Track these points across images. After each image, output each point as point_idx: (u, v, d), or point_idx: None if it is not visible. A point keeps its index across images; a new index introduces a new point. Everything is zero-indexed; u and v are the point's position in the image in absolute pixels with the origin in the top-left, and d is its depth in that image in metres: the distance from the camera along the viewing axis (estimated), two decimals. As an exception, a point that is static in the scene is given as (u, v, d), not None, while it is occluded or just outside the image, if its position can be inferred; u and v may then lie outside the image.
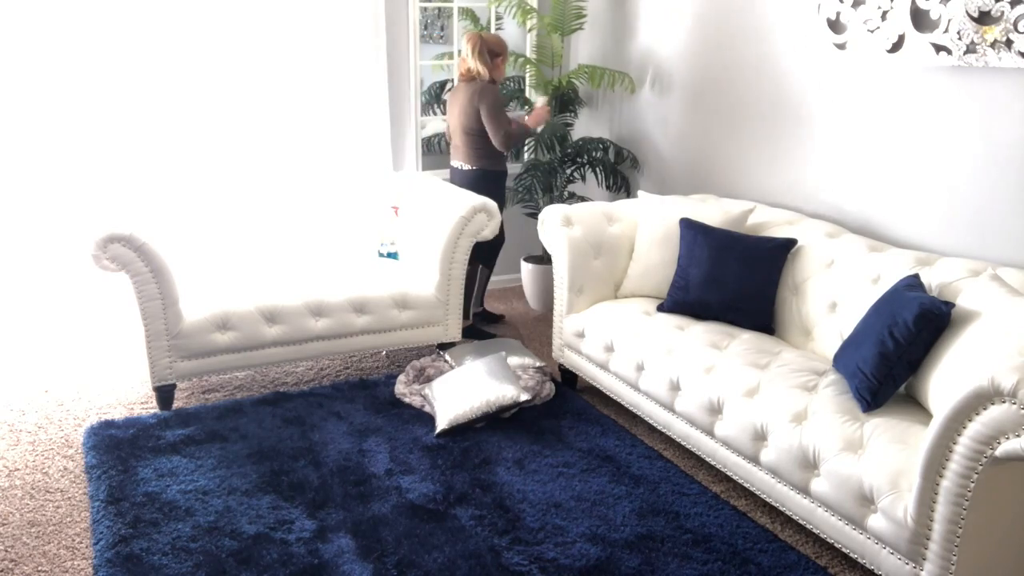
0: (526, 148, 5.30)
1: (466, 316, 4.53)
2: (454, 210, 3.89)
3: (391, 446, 3.22)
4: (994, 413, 2.02)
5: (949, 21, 2.94)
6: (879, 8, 3.21)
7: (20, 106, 4.08)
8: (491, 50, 4.25)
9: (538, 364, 3.81)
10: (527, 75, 5.01)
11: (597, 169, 4.87)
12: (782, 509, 2.69)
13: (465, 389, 3.40)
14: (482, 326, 4.67)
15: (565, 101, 4.89)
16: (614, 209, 3.84)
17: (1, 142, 4.09)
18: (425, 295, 3.93)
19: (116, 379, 3.91)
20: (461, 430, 3.34)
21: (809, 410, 2.63)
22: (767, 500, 2.80)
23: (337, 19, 4.56)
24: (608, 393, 3.53)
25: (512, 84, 5.02)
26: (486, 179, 4.38)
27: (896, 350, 2.51)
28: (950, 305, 2.48)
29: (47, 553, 2.61)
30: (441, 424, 3.33)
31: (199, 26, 4.28)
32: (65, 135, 4.18)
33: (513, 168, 5.26)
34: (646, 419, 3.30)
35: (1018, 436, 1.98)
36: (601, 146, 4.83)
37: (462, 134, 4.33)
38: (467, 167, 4.38)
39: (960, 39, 2.91)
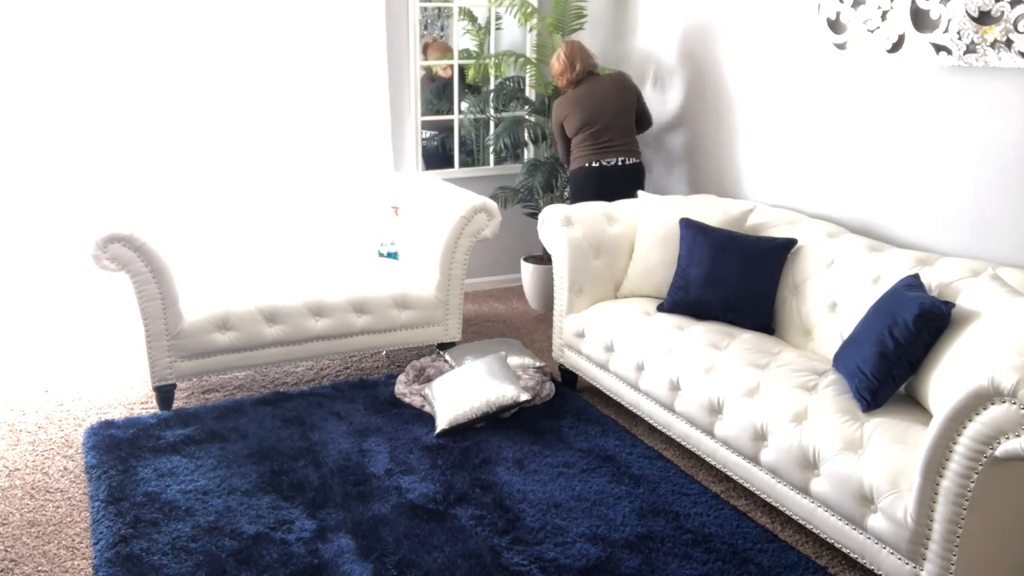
0: (527, 148, 5.31)
1: None
2: (454, 210, 3.89)
3: (391, 446, 3.22)
4: (994, 413, 2.02)
5: (949, 21, 2.94)
6: (879, 8, 3.21)
7: (20, 106, 4.08)
8: None
9: (538, 364, 3.81)
10: (527, 75, 5.01)
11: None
12: (782, 509, 2.69)
13: (465, 389, 3.40)
14: None
15: (565, 101, 4.88)
16: (614, 209, 3.84)
17: (1, 142, 4.09)
18: (425, 295, 3.93)
19: (116, 379, 3.91)
20: (461, 430, 3.34)
21: (809, 410, 2.63)
22: (767, 500, 2.80)
23: (337, 19, 4.56)
24: (608, 393, 3.53)
25: (512, 84, 5.02)
26: (641, 172, 4.23)
27: (896, 350, 2.51)
28: (950, 305, 2.48)
29: (47, 553, 2.61)
30: (441, 424, 3.33)
31: (200, 26, 4.28)
32: (65, 135, 4.18)
33: (513, 168, 5.27)
34: (646, 419, 3.30)
35: (1018, 436, 1.98)
36: (601, 146, 4.83)
37: (624, 123, 4.17)
38: (632, 160, 4.17)
39: (960, 39, 2.91)
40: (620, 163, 4.14)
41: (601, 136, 4.13)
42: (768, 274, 3.32)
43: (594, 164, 4.14)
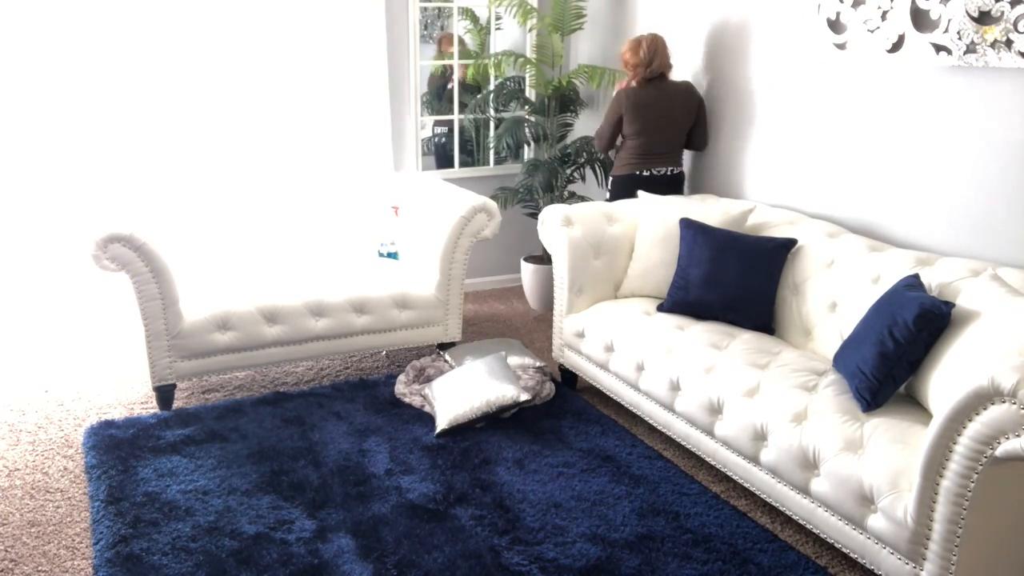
0: (528, 148, 5.31)
1: None
2: (454, 210, 3.89)
3: (391, 446, 3.22)
4: (994, 413, 2.02)
5: (949, 21, 2.94)
6: (879, 8, 3.21)
7: (20, 106, 4.08)
8: None
9: (538, 364, 3.80)
10: (527, 75, 5.01)
11: (597, 169, 4.87)
12: (782, 509, 2.69)
13: (465, 389, 3.40)
14: None
15: (565, 101, 4.89)
16: (614, 209, 3.84)
17: (1, 142, 4.09)
18: (425, 295, 3.94)
19: (116, 379, 3.91)
20: (461, 430, 3.34)
21: (809, 410, 2.63)
22: (767, 500, 2.80)
23: (337, 19, 4.56)
24: (608, 393, 3.53)
25: (512, 84, 5.02)
26: (683, 180, 4.18)
27: (896, 350, 2.51)
28: (950, 305, 2.48)
29: (47, 553, 2.61)
30: (441, 424, 3.33)
31: (200, 26, 4.28)
32: (65, 135, 4.18)
33: (513, 168, 5.27)
34: (646, 419, 3.30)
35: (1018, 436, 1.98)
36: (601, 146, 4.83)
37: (680, 134, 4.10)
38: (676, 170, 4.12)
39: (960, 39, 2.91)
40: (669, 172, 4.10)
41: (656, 146, 4.07)
42: (768, 274, 3.32)
43: (644, 173, 4.08)
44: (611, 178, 4.26)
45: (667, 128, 4.05)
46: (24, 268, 4.29)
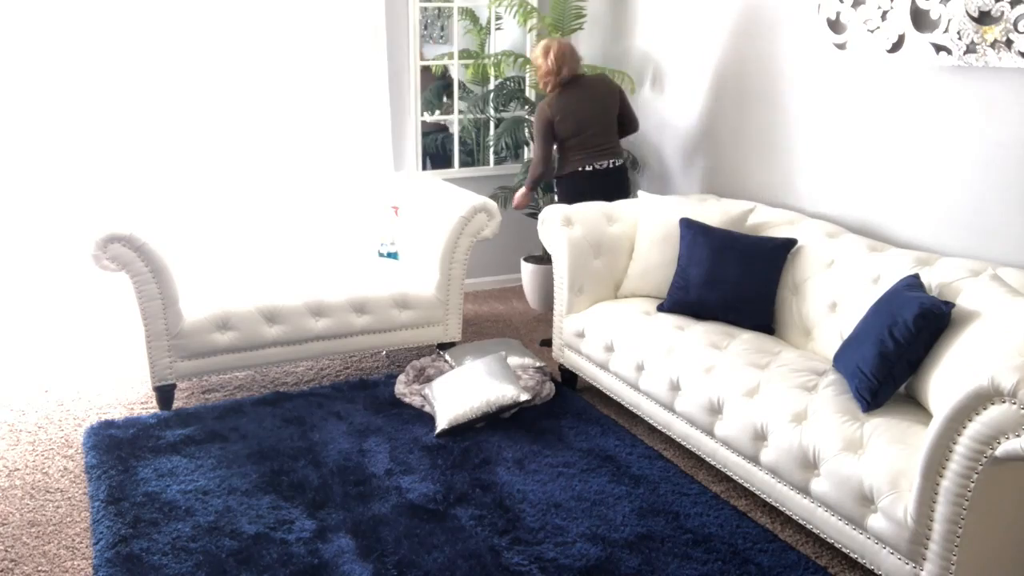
0: (528, 147, 5.31)
1: None
2: (454, 210, 3.89)
3: (391, 446, 3.22)
4: (994, 413, 2.02)
5: (949, 21, 2.94)
6: (879, 8, 3.21)
7: (20, 106, 4.08)
8: None
9: (538, 364, 3.80)
10: (527, 75, 5.01)
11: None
12: (782, 509, 2.69)
13: (465, 389, 3.40)
14: None
15: (565, 101, 4.88)
16: (614, 209, 3.84)
17: (1, 142, 4.09)
18: (425, 295, 3.93)
19: (116, 379, 3.91)
20: (461, 430, 3.34)
21: (809, 410, 2.63)
22: (767, 500, 2.80)
23: (337, 19, 4.56)
24: (608, 393, 3.53)
25: (512, 84, 5.02)
26: (627, 173, 4.20)
27: (896, 350, 2.51)
28: (950, 305, 2.48)
29: (47, 553, 2.61)
30: (441, 424, 3.33)
31: (200, 26, 4.28)
32: (65, 135, 4.18)
33: (513, 168, 5.27)
34: (646, 419, 3.30)
35: (1018, 436, 1.98)
36: (601, 146, 4.83)
37: (611, 125, 4.11)
38: (618, 162, 4.10)
39: (960, 39, 2.91)
40: (612, 165, 4.09)
41: (593, 140, 4.06)
42: (768, 274, 3.32)
43: (587, 168, 4.06)
44: (555, 180, 4.24)
45: (598, 122, 4.06)
46: (24, 268, 4.29)
